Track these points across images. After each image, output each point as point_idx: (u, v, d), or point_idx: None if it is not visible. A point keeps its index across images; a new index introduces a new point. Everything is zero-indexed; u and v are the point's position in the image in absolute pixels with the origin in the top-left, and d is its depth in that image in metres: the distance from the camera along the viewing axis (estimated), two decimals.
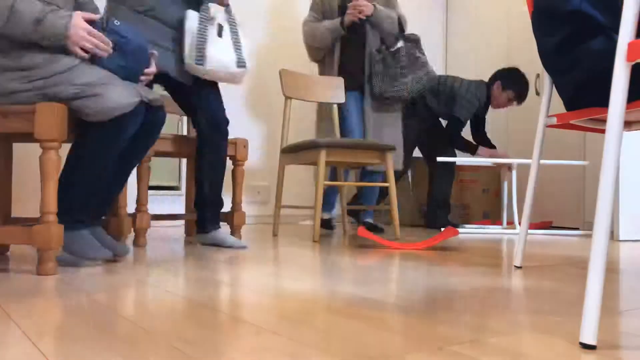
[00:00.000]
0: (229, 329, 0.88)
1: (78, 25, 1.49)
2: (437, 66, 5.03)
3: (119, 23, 1.63)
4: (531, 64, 4.36)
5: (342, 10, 3.09)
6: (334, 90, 3.10)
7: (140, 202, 2.17)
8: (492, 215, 4.32)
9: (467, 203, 4.23)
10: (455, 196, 4.02)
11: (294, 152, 2.76)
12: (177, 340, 0.81)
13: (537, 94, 4.26)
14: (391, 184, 2.67)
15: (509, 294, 1.25)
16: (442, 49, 5.06)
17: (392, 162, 2.74)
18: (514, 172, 3.57)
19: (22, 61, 1.47)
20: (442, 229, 3.25)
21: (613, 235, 3.00)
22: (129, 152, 1.71)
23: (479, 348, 0.79)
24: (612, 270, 1.71)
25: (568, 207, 4.04)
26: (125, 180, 1.76)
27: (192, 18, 2.05)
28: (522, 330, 0.91)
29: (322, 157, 2.54)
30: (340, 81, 3.11)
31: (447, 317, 1.00)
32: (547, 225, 3.64)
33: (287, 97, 2.96)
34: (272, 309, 1.04)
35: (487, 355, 0.76)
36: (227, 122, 2.18)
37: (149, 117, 1.68)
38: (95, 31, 1.53)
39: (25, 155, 2.93)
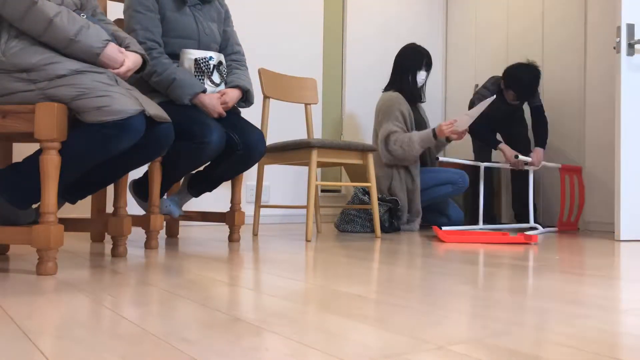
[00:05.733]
0: (229, 329, 0.88)
1: (110, 53, 1.61)
2: (437, 67, 5.03)
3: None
4: None
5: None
6: (309, 91, 3.23)
7: (153, 203, 2.13)
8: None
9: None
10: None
11: (279, 151, 2.78)
12: (177, 340, 0.81)
13: None
14: (372, 182, 2.80)
15: (510, 293, 1.25)
16: (442, 49, 5.06)
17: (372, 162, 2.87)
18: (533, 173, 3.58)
19: (19, 61, 1.47)
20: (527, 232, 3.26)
21: (614, 236, 2.99)
22: (125, 162, 1.68)
23: (479, 348, 0.79)
24: (612, 270, 1.71)
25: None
26: (109, 183, 1.75)
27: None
28: (523, 329, 0.91)
29: (314, 156, 2.57)
30: (313, 82, 3.25)
31: (447, 317, 1.00)
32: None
33: (266, 97, 2.98)
34: (272, 308, 1.04)
35: (487, 355, 0.76)
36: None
37: (154, 133, 1.66)
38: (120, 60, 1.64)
39: (25, 155, 2.93)
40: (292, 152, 2.71)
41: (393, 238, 2.78)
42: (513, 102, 3.74)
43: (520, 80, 3.60)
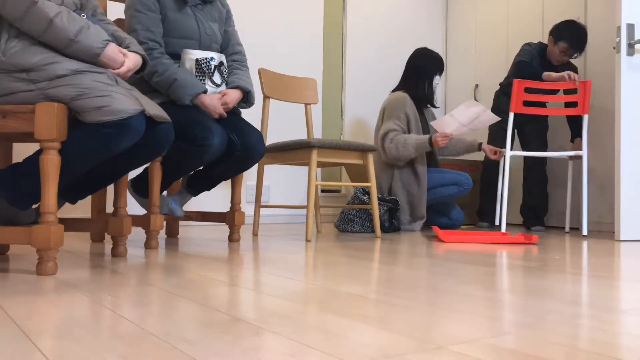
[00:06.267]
0: (229, 329, 0.88)
1: (110, 54, 1.60)
2: None
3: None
4: None
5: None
6: (309, 91, 3.24)
7: (153, 203, 2.12)
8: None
9: (466, 202, 4.23)
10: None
11: (279, 151, 2.79)
12: (177, 340, 0.81)
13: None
14: (372, 182, 2.80)
15: (510, 293, 1.25)
16: (442, 49, 5.06)
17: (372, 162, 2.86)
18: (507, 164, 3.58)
19: (19, 61, 1.47)
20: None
21: (613, 235, 2.99)
22: (126, 161, 1.69)
23: (479, 348, 0.79)
24: (612, 270, 1.71)
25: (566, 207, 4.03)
26: (110, 183, 1.75)
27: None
28: (522, 329, 0.91)
29: (314, 156, 2.57)
30: (313, 82, 3.25)
31: (447, 317, 1.00)
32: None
33: (266, 97, 2.98)
34: (272, 308, 1.04)
35: (487, 355, 0.76)
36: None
37: (154, 132, 1.66)
38: (120, 61, 1.64)
39: (25, 155, 2.93)
40: (292, 152, 2.71)
41: (393, 238, 2.79)
42: (561, 58, 3.60)
43: (573, 29, 3.52)
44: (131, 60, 1.68)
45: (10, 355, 0.73)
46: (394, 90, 3.54)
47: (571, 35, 3.53)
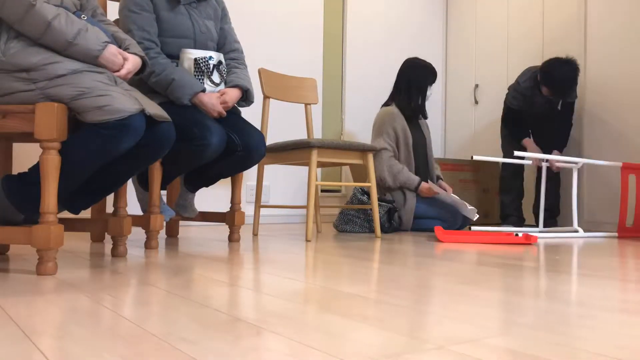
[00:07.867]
0: (229, 329, 0.88)
1: (109, 56, 1.60)
2: (437, 68, 5.03)
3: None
4: (529, 64, 4.36)
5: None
6: (309, 91, 3.24)
7: (153, 203, 2.12)
8: (492, 216, 4.31)
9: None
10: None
11: (279, 151, 2.79)
12: (177, 340, 0.81)
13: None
14: (372, 183, 2.80)
15: (510, 293, 1.25)
16: (442, 50, 5.06)
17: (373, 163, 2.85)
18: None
19: (19, 61, 1.47)
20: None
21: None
22: (127, 164, 1.68)
23: (479, 348, 0.79)
24: (612, 270, 1.71)
25: (567, 207, 4.03)
26: (113, 190, 1.75)
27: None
28: (523, 329, 0.91)
29: (314, 156, 2.57)
30: (313, 82, 3.25)
31: (447, 317, 1.00)
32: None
33: (266, 97, 2.98)
34: (272, 308, 1.04)
35: (487, 355, 0.76)
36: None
37: (154, 132, 1.66)
38: (120, 62, 1.65)
39: (25, 155, 2.93)
40: (292, 152, 2.71)
41: (393, 238, 2.79)
42: (548, 96, 3.61)
43: (555, 77, 3.45)
44: (131, 62, 1.68)
45: (10, 355, 0.73)
46: (384, 104, 3.49)
47: (552, 84, 3.48)
